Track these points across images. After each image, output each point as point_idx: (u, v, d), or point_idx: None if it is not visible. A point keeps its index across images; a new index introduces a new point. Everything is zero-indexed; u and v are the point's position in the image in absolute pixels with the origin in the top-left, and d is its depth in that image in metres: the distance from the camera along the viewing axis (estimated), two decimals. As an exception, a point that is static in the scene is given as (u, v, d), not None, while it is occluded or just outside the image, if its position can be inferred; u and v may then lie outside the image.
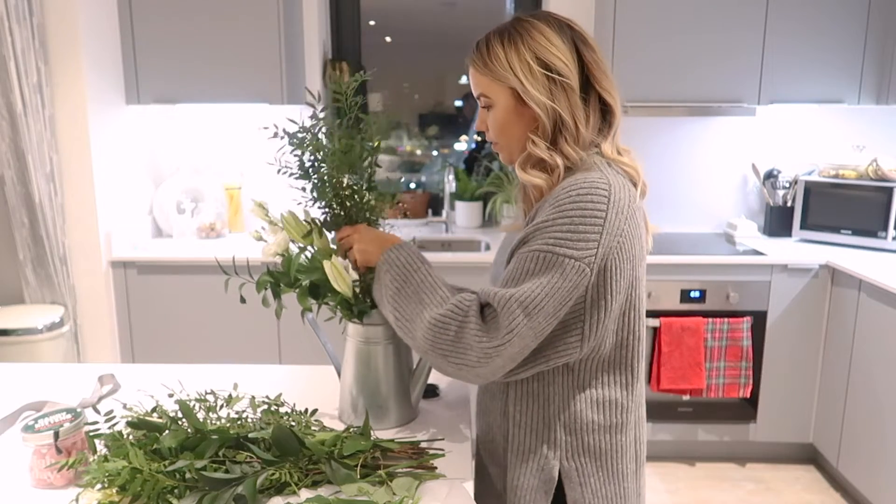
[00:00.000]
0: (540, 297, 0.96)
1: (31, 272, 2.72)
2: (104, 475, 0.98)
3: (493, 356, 0.98)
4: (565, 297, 0.97)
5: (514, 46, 1.05)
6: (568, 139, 1.06)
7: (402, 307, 1.08)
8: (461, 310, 1.02)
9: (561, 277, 0.97)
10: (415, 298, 1.07)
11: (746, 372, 2.77)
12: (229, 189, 3.19)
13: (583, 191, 0.99)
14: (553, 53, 1.04)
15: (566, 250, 0.97)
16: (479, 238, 3.24)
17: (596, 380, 1.08)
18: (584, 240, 0.97)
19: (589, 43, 1.08)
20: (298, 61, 3.07)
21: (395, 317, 1.09)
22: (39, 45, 2.57)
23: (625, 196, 1.01)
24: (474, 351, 0.99)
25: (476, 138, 3.63)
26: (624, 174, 1.07)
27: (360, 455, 1.06)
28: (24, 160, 2.60)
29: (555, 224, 0.98)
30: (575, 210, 0.98)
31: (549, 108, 1.04)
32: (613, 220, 0.98)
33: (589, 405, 1.08)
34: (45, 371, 1.57)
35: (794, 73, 2.84)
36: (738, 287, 2.77)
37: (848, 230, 2.89)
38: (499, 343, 0.97)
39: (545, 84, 1.04)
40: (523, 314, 0.96)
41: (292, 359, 2.84)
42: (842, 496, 2.73)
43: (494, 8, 3.47)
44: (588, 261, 0.97)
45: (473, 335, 0.99)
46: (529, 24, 1.06)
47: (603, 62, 1.08)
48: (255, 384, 1.39)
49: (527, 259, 0.99)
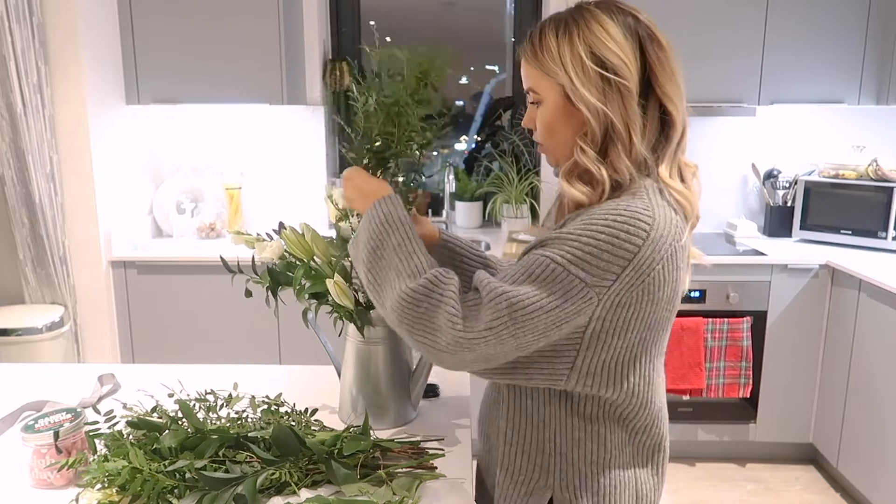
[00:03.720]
0: (534, 306, 0.87)
1: (31, 272, 2.72)
2: (104, 475, 0.98)
3: (464, 348, 0.89)
4: (561, 319, 0.88)
5: (567, 37, 0.93)
6: (620, 150, 0.93)
7: (375, 271, 0.97)
8: (437, 287, 0.91)
9: (563, 297, 0.87)
10: (388, 263, 0.96)
11: (746, 372, 2.77)
12: (229, 189, 3.19)
13: (621, 218, 0.87)
14: (610, 49, 0.92)
15: (579, 271, 0.87)
16: (479, 238, 3.23)
17: (601, 419, 0.98)
18: (604, 269, 0.87)
19: (657, 38, 0.95)
20: (298, 61, 3.07)
21: (367, 279, 0.99)
22: (39, 45, 2.57)
23: (668, 234, 0.90)
24: (444, 334, 0.89)
25: (476, 138, 3.63)
26: (676, 205, 0.94)
27: (360, 455, 1.06)
28: (24, 160, 2.60)
29: (578, 240, 0.88)
30: (605, 235, 0.87)
31: (601, 113, 0.92)
32: (646, 258, 0.87)
33: (589, 436, 0.98)
34: (45, 371, 1.57)
35: (794, 73, 2.84)
36: (738, 287, 2.77)
37: (848, 230, 2.89)
38: (473, 336, 0.88)
39: (598, 84, 0.92)
40: (509, 316, 0.87)
41: (292, 359, 2.84)
42: (842, 496, 2.73)
43: (494, 8, 3.47)
44: (598, 290, 0.87)
45: (447, 318, 0.89)
46: (589, 14, 0.94)
47: (671, 62, 0.96)
48: (255, 384, 1.39)
49: (536, 262, 0.89)
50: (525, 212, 3.25)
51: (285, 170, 3.27)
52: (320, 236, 1.21)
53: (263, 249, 1.22)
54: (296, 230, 1.21)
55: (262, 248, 1.22)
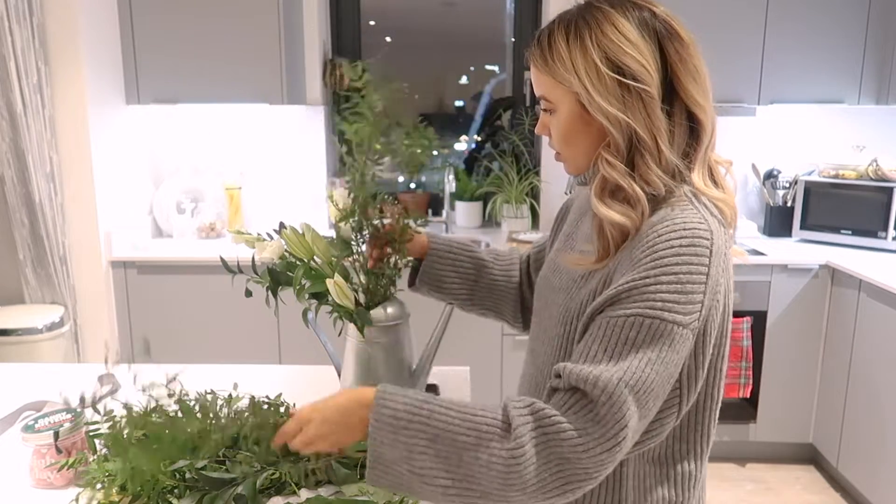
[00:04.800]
0: (650, 376, 0.79)
1: (31, 272, 2.72)
2: (104, 475, 0.98)
3: (608, 461, 0.78)
4: (673, 372, 0.82)
5: (579, 41, 0.86)
6: (649, 161, 0.85)
7: (454, 478, 0.80)
8: (528, 427, 0.79)
9: (671, 349, 0.80)
10: (456, 457, 0.79)
11: (746, 372, 2.77)
12: (229, 189, 3.19)
13: (686, 241, 0.81)
14: (627, 52, 0.84)
15: (674, 315, 0.80)
16: (479, 238, 3.23)
17: (671, 450, 0.92)
18: (691, 301, 0.81)
19: (676, 34, 0.88)
20: (298, 61, 3.07)
21: (459, 495, 0.80)
22: (39, 45, 2.57)
23: (723, 244, 0.85)
24: (580, 463, 0.78)
25: (476, 138, 3.63)
26: (717, 211, 0.89)
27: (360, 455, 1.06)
28: (24, 160, 2.60)
29: (658, 281, 0.80)
30: (680, 265, 0.80)
31: (622, 123, 0.85)
32: (714, 274, 0.82)
33: (660, 480, 0.92)
34: (45, 371, 1.57)
35: (794, 73, 2.84)
36: (738, 287, 2.76)
37: (848, 230, 2.89)
38: (613, 444, 0.77)
39: (616, 92, 0.84)
40: (635, 401, 0.78)
41: (292, 359, 2.83)
42: (842, 496, 2.73)
43: (494, 8, 3.47)
44: (693, 326, 0.81)
45: (570, 449, 0.77)
46: (601, 14, 0.86)
47: (694, 59, 0.88)
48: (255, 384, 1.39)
49: (627, 326, 0.80)
50: (525, 212, 3.25)
51: (285, 170, 3.26)
52: (320, 236, 1.21)
53: (264, 249, 1.22)
54: (296, 230, 1.21)
55: (262, 247, 1.22)
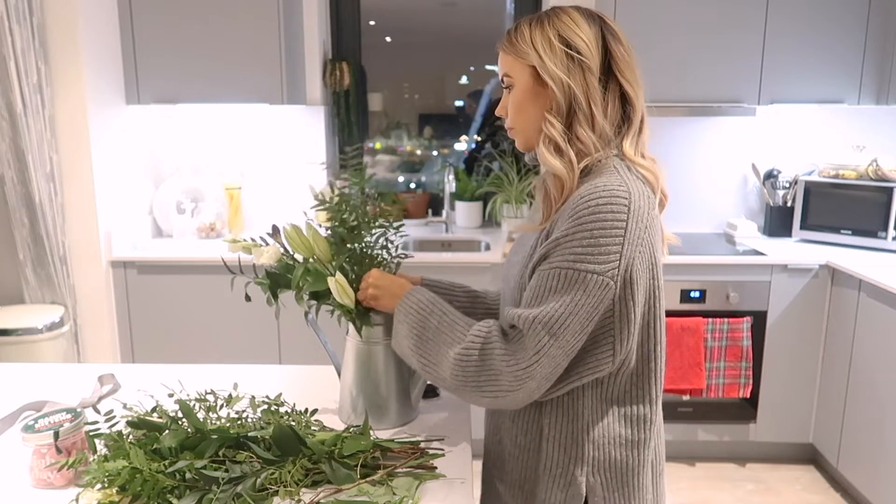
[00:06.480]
0: (564, 315, 0.95)
1: (31, 272, 2.72)
2: (104, 475, 0.98)
3: (525, 379, 0.97)
4: (591, 313, 0.96)
5: (539, 26, 1.05)
6: (583, 122, 1.03)
7: (426, 354, 1.08)
8: (480, 337, 1.01)
9: (584, 294, 0.95)
10: (435, 342, 1.06)
11: (746, 372, 2.77)
12: (229, 189, 3.19)
13: (602, 200, 0.96)
14: (576, 34, 1.03)
15: (588, 265, 0.95)
16: (479, 238, 3.24)
17: (625, 393, 1.06)
18: (606, 252, 0.95)
19: (619, 38, 1.06)
20: (298, 61, 3.07)
21: (420, 364, 1.09)
22: (39, 45, 2.57)
23: (644, 204, 0.98)
24: (505, 376, 0.98)
25: (476, 138, 3.63)
26: (644, 180, 1.03)
27: (360, 455, 1.06)
28: (24, 160, 2.60)
29: (574, 238, 0.96)
30: (595, 222, 0.95)
31: (565, 84, 1.02)
32: (634, 229, 0.96)
33: (617, 419, 1.07)
34: (45, 371, 1.57)
35: (794, 73, 2.84)
36: (738, 287, 2.77)
37: (848, 230, 2.89)
38: (527, 365, 0.96)
39: (563, 60, 1.02)
40: (548, 334, 0.95)
41: (292, 359, 2.84)
42: (842, 496, 2.73)
43: (494, 8, 3.47)
44: (611, 274, 0.95)
45: (500, 360, 0.98)
46: (561, 10, 1.07)
47: (630, 58, 1.06)
48: (255, 384, 1.39)
49: (548, 276, 0.98)
50: (525, 212, 3.25)
51: (285, 170, 3.27)
52: (321, 235, 1.21)
53: (261, 255, 1.22)
54: (298, 227, 1.21)
55: (259, 253, 1.23)
